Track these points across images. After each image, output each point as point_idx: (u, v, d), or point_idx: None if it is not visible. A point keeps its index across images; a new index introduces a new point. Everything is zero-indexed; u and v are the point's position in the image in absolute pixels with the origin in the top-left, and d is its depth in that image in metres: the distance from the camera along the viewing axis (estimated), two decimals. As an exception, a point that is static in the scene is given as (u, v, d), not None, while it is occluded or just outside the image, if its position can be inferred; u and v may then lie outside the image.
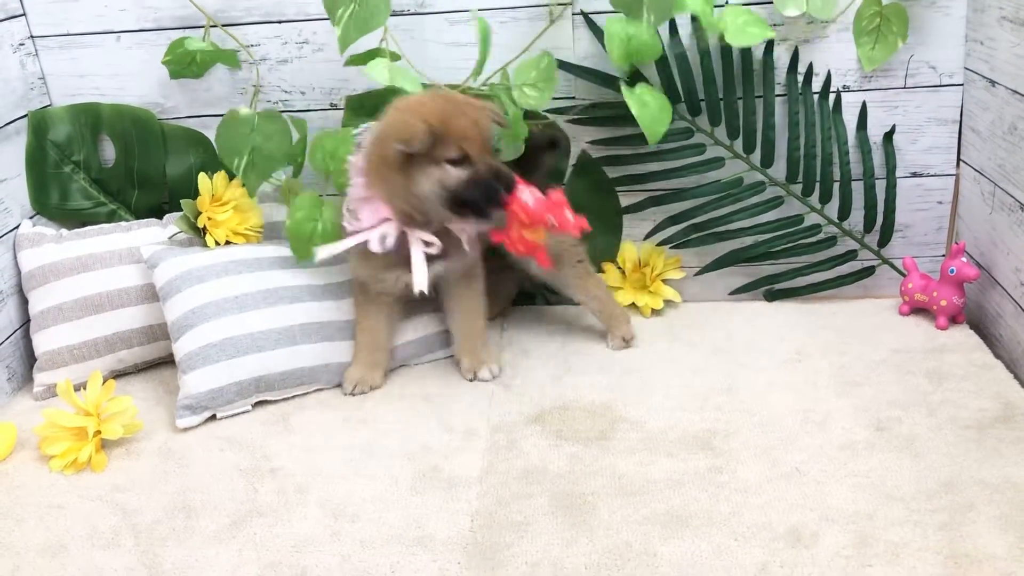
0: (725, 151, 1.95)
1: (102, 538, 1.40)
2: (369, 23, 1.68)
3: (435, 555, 1.32)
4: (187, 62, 1.85)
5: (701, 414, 1.62)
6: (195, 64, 1.86)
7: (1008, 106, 1.71)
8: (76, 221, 1.96)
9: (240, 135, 1.77)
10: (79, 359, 1.79)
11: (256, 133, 1.77)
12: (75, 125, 1.94)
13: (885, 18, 1.82)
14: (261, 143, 1.77)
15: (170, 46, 1.83)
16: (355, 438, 1.62)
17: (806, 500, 1.39)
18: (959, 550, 1.26)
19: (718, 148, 1.95)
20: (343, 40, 1.68)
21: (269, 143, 1.78)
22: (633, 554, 1.30)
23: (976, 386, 1.65)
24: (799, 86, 1.90)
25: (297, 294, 1.77)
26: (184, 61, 1.85)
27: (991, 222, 1.82)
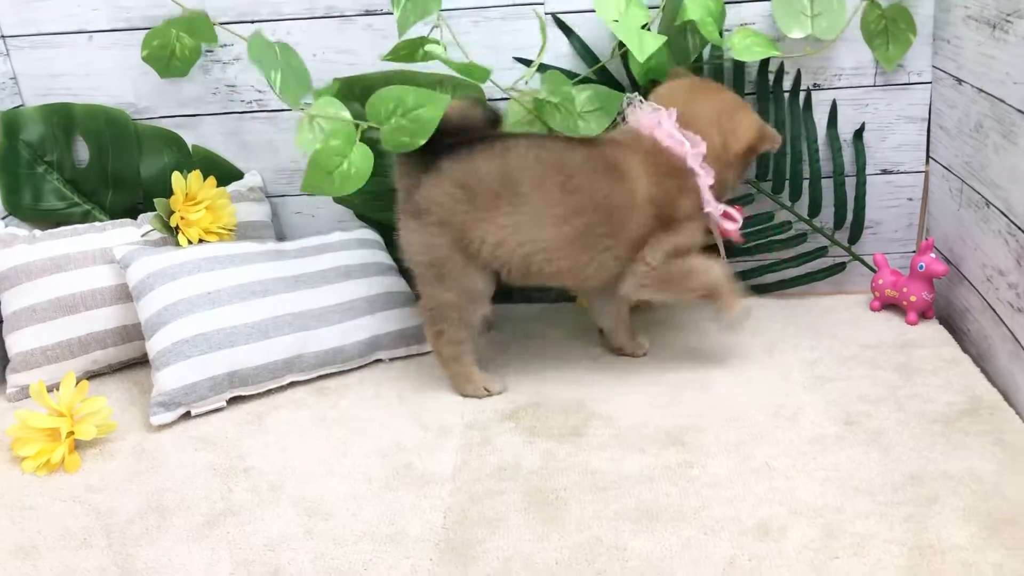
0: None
1: (75, 539, 1.40)
2: (425, 9, 1.65)
3: (408, 551, 1.33)
4: (167, 55, 1.84)
5: (673, 410, 1.64)
6: (176, 58, 1.85)
7: (974, 104, 1.73)
8: (49, 222, 1.95)
9: (271, 55, 1.60)
10: (53, 360, 1.79)
11: (281, 59, 1.61)
12: (48, 125, 1.94)
13: (890, 19, 1.85)
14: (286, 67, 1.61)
15: (144, 39, 1.83)
16: (329, 437, 1.62)
17: (775, 494, 1.40)
18: (923, 541, 1.28)
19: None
20: (402, 24, 1.64)
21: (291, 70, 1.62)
22: (603, 549, 1.31)
23: (944, 380, 1.67)
24: (770, 85, 1.92)
25: (270, 287, 1.78)
26: (163, 54, 1.84)
27: (959, 218, 1.85)
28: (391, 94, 1.56)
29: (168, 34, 1.82)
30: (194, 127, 2.00)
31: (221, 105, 1.98)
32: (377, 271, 1.91)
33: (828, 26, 1.82)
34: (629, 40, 1.66)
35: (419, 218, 1.61)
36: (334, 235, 1.98)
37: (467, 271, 1.63)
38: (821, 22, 1.82)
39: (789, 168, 1.96)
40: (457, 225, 1.59)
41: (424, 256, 1.63)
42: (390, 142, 1.57)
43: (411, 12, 1.65)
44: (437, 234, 1.60)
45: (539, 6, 1.88)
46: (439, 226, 1.60)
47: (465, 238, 1.60)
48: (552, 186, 1.59)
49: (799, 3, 1.82)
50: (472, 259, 1.62)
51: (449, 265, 1.62)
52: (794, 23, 1.82)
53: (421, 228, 1.61)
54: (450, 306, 1.66)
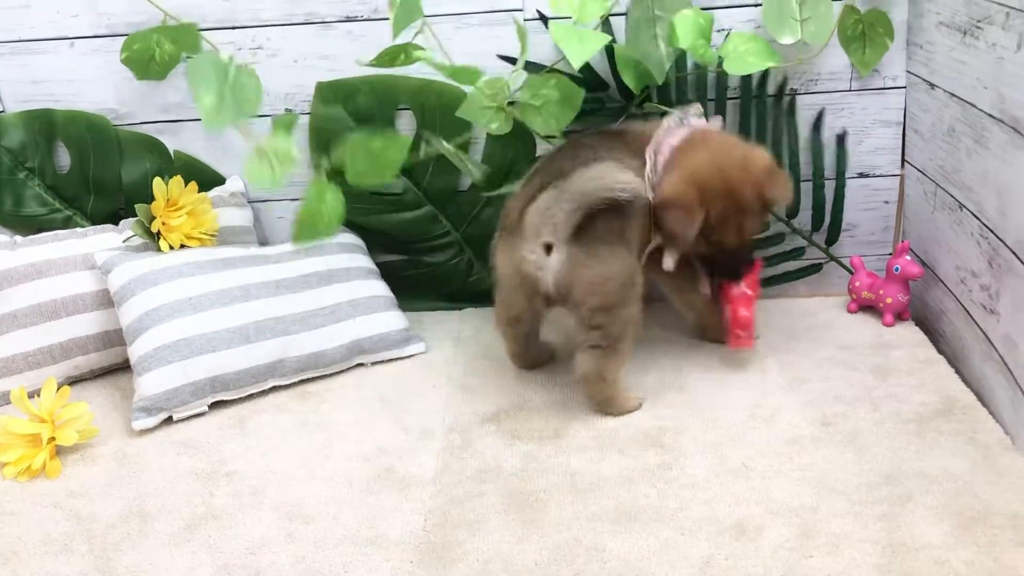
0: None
1: (55, 544, 1.40)
2: (412, 15, 1.65)
3: (388, 554, 1.34)
4: (147, 59, 1.85)
5: (652, 411, 1.66)
6: (156, 63, 1.85)
7: (946, 108, 1.76)
8: (31, 227, 1.96)
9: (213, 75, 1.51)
10: (34, 366, 1.79)
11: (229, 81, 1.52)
12: (29, 131, 1.94)
13: (868, 23, 1.87)
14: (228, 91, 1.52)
15: (124, 43, 1.83)
16: (311, 440, 1.63)
17: (752, 494, 1.42)
18: (897, 540, 1.30)
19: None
20: (396, 27, 1.63)
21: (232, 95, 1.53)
22: (582, 550, 1.33)
23: (919, 381, 1.69)
24: (753, 89, 1.94)
25: (252, 292, 1.79)
26: (143, 58, 1.84)
27: (933, 221, 1.87)
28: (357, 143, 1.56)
29: (149, 39, 1.82)
30: (175, 133, 2.00)
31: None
32: (359, 275, 1.92)
33: (816, 31, 1.84)
34: (565, 44, 1.61)
35: (608, 244, 1.58)
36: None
37: (640, 278, 1.65)
38: (810, 26, 1.84)
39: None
40: (629, 237, 1.63)
41: (623, 276, 1.60)
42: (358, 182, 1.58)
43: (402, 17, 1.66)
44: (626, 250, 1.61)
45: (518, 12, 1.90)
46: (623, 243, 1.61)
47: (632, 246, 1.64)
48: None
49: (789, 8, 1.83)
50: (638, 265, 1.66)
51: (637, 277, 1.63)
52: (785, 29, 1.84)
53: (613, 252, 1.59)
54: (635, 320, 1.63)
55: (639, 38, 1.76)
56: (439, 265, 2.09)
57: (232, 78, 1.53)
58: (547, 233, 1.55)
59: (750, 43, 1.80)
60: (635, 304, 1.62)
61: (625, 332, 1.61)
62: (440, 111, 1.89)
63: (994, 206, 1.60)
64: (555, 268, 1.56)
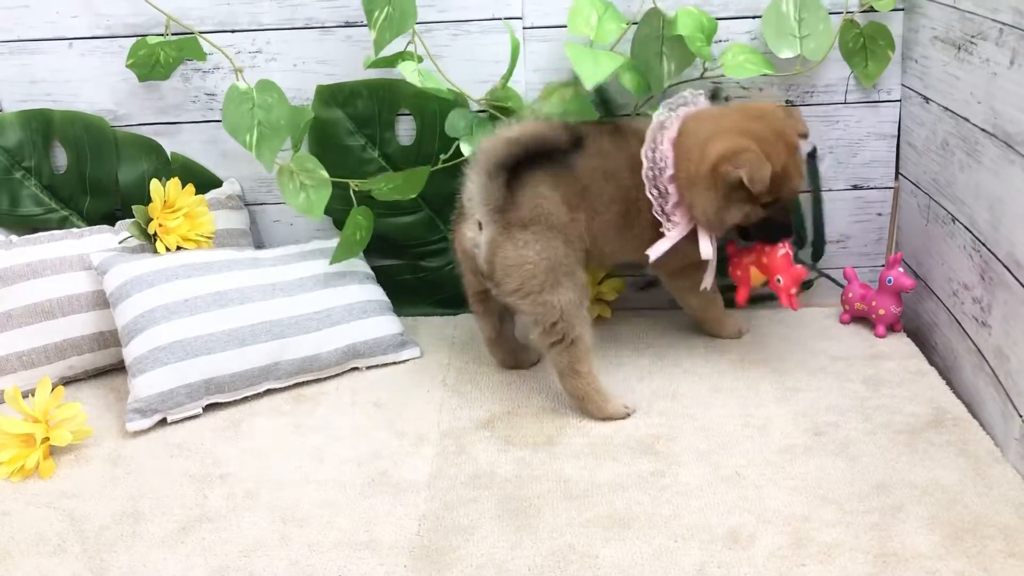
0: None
1: (48, 544, 1.40)
2: (401, 26, 1.70)
3: (382, 558, 1.34)
4: (152, 63, 1.86)
5: (645, 419, 1.66)
6: (160, 65, 1.86)
7: (940, 122, 1.78)
8: (26, 227, 1.95)
9: (243, 111, 1.72)
10: (28, 365, 1.78)
11: (257, 107, 1.73)
12: (26, 131, 1.94)
13: (869, 36, 1.89)
14: (264, 116, 1.73)
15: (131, 49, 1.84)
16: (305, 444, 1.63)
17: (745, 503, 1.43)
18: (888, 549, 1.31)
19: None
20: (378, 43, 1.71)
21: (271, 114, 1.73)
22: (576, 556, 1.33)
23: (910, 392, 1.71)
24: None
25: (248, 295, 1.79)
26: (148, 62, 1.85)
27: (927, 233, 1.89)
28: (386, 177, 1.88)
29: (154, 47, 1.83)
30: (173, 135, 2.00)
31: (200, 113, 1.99)
32: (355, 280, 1.93)
33: (816, 47, 1.86)
34: (580, 64, 1.68)
35: (529, 229, 1.61)
36: (312, 244, 2.00)
37: (576, 266, 1.67)
38: (809, 43, 1.86)
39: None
40: (563, 225, 1.64)
41: (543, 263, 1.62)
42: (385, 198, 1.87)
43: (387, 30, 1.70)
44: (551, 236, 1.62)
45: (517, 20, 1.91)
46: (551, 229, 1.63)
47: (570, 234, 1.65)
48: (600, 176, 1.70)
49: (788, 25, 1.85)
50: (576, 253, 1.67)
51: (566, 263, 1.64)
52: (784, 44, 1.86)
53: (535, 237, 1.61)
54: (576, 304, 1.65)
55: (644, 53, 1.80)
56: (435, 270, 2.09)
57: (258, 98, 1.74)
58: (478, 211, 1.62)
59: (748, 53, 1.83)
60: (564, 291, 1.63)
61: (566, 320, 1.63)
62: (440, 116, 1.90)
63: (986, 219, 1.61)
64: (483, 247, 1.63)
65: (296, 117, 1.79)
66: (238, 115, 1.72)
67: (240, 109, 1.72)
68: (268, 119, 1.73)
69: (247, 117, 1.72)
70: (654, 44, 1.79)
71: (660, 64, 1.80)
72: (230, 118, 1.72)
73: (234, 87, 1.73)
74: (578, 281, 1.66)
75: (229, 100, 1.73)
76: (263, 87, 1.75)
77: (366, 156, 1.97)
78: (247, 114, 1.72)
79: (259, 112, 1.73)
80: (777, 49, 1.85)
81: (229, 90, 1.73)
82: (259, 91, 1.74)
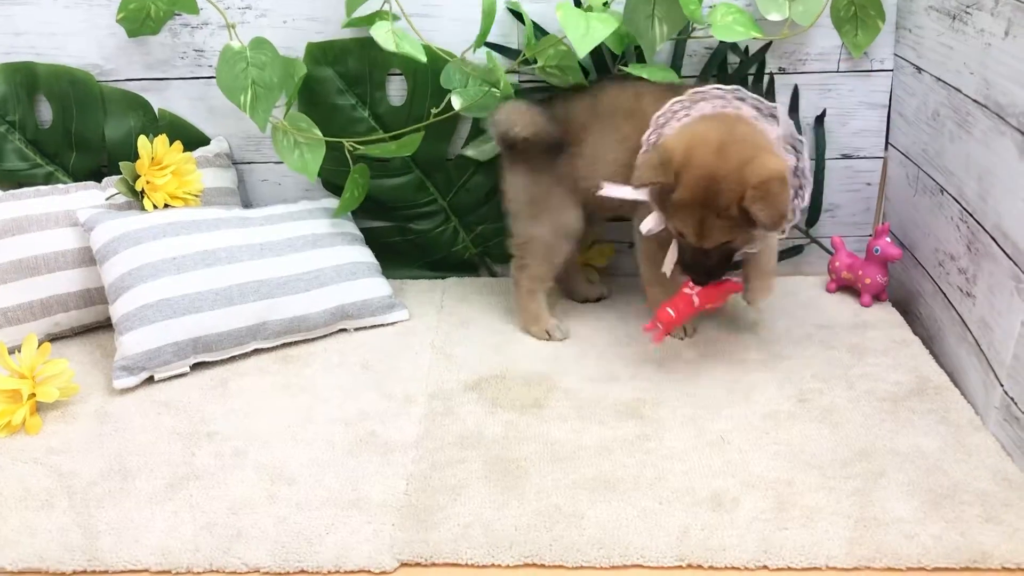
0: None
1: (36, 499, 1.40)
2: None
3: (370, 517, 1.36)
4: (142, 17, 1.83)
5: (632, 384, 1.68)
6: (151, 19, 1.83)
7: (932, 93, 1.78)
8: (11, 183, 1.93)
9: (237, 72, 1.71)
10: (13, 322, 1.77)
11: (251, 66, 1.72)
12: (10, 85, 1.91)
13: (860, 5, 1.88)
14: (258, 75, 1.72)
15: (122, 2, 1.81)
16: (293, 404, 1.64)
17: (729, 467, 1.45)
18: (868, 514, 1.33)
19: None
20: (350, 5, 1.71)
21: (265, 72, 1.73)
22: (562, 516, 1.35)
23: (894, 361, 1.73)
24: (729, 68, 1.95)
25: (235, 254, 1.78)
26: (139, 17, 1.82)
27: (914, 204, 1.90)
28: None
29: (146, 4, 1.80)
30: (161, 91, 1.98)
31: (188, 70, 1.96)
32: (343, 241, 1.92)
33: (804, 11, 1.85)
34: (572, 28, 1.65)
35: (526, 161, 1.77)
36: (301, 204, 1.99)
37: (563, 206, 1.78)
38: (798, 6, 1.85)
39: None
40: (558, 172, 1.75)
41: (525, 195, 1.79)
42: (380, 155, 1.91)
43: None
44: (540, 178, 1.77)
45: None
46: (548, 173, 1.76)
47: (564, 174, 1.76)
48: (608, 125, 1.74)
49: None
50: (569, 195, 1.77)
51: (551, 200, 1.76)
52: (772, 5, 1.85)
53: (527, 169, 1.78)
54: (540, 242, 1.81)
55: (635, 16, 1.77)
56: (424, 233, 2.09)
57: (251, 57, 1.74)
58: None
59: (736, 14, 1.81)
60: (539, 226, 1.80)
61: (528, 248, 1.82)
62: (432, 75, 1.88)
63: (975, 191, 1.62)
64: None
65: (289, 70, 1.79)
66: (232, 76, 1.71)
67: (234, 70, 1.71)
68: (262, 78, 1.72)
69: (241, 77, 1.71)
70: (644, 7, 1.76)
71: (652, 27, 1.77)
72: (224, 79, 1.71)
73: (228, 47, 1.71)
74: (561, 221, 1.76)
75: (223, 60, 1.71)
76: (256, 45, 1.73)
77: (356, 115, 1.96)
78: (241, 74, 1.71)
79: (253, 71, 1.71)
80: (765, 10, 1.84)
81: (223, 50, 1.71)
82: (252, 49, 1.73)
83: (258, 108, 1.72)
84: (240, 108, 1.72)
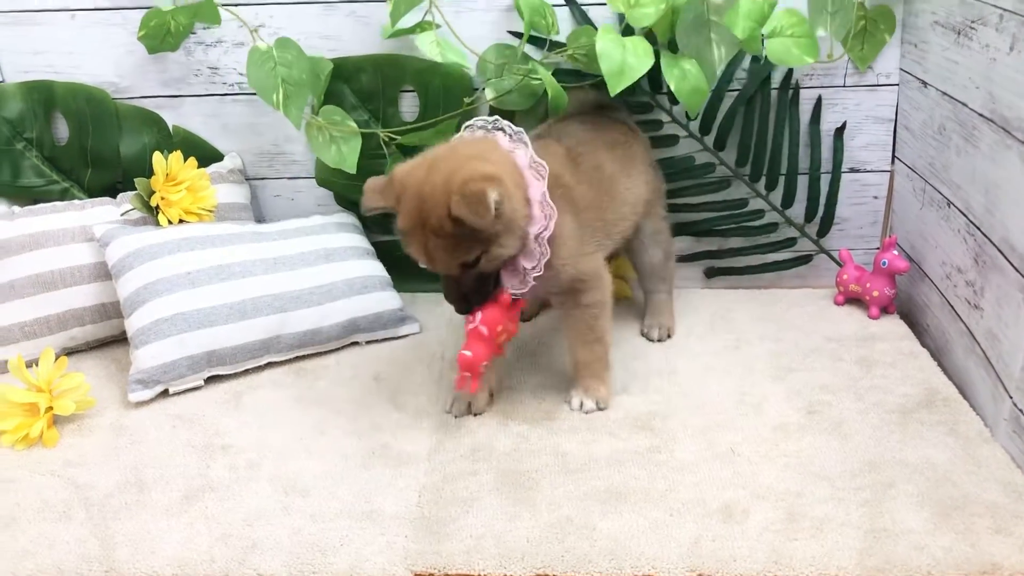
0: (681, 130, 2.02)
1: (53, 511, 1.42)
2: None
3: (383, 528, 1.37)
4: (163, 34, 1.86)
5: (643, 396, 1.69)
6: (171, 35, 1.86)
7: (938, 107, 1.80)
8: (27, 199, 1.96)
9: (267, 71, 1.74)
10: (30, 336, 1.80)
11: (279, 65, 1.74)
12: (28, 102, 1.94)
13: (871, 19, 1.90)
14: (287, 73, 1.75)
15: (143, 20, 1.84)
16: (306, 416, 1.65)
17: (739, 478, 1.46)
18: (878, 525, 1.34)
19: (675, 127, 2.02)
20: (394, 14, 1.73)
21: (292, 71, 1.75)
22: (573, 528, 1.36)
23: (902, 373, 1.73)
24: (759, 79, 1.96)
25: (249, 268, 1.80)
26: (159, 34, 1.85)
27: (921, 217, 1.91)
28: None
29: (166, 16, 1.83)
30: (175, 108, 2.01)
31: (203, 87, 1.99)
32: (355, 255, 1.94)
33: (840, 25, 1.86)
34: (607, 61, 1.62)
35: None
36: (313, 218, 2.01)
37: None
38: (836, 20, 1.86)
39: (768, 159, 2.01)
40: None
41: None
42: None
43: (402, 2, 1.69)
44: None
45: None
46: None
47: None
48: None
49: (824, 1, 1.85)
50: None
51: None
52: (820, 20, 1.85)
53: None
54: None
55: (693, 40, 1.74)
56: (434, 247, 2.10)
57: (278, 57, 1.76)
58: None
59: (796, 26, 1.80)
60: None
61: None
62: (444, 92, 1.90)
63: (981, 204, 1.63)
64: None
65: (316, 69, 1.81)
66: (262, 75, 1.74)
67: (263, 69, 1.73)
68: (291, 76, 1.74)
69: (271, 76, 1.73)
70: (702, 30, 1.73)
71: (711, 51, 1.75)
72: (255, 79, 1.74)
73: (255, 48, 1.74)
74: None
75: (252, 62, 1.74)
76: (281, 44, 1.77)
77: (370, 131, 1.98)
78: (271, 73, 1.73)
79: (282, 70, 1.74)
80: (815, 25, 1.85)
81: (251, 51, 1.74)
82: (279, 49, 1.76)
83: (291, 106, 1.75)
84: (274, 107, 1.74)
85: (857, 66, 1.94)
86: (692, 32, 1.74)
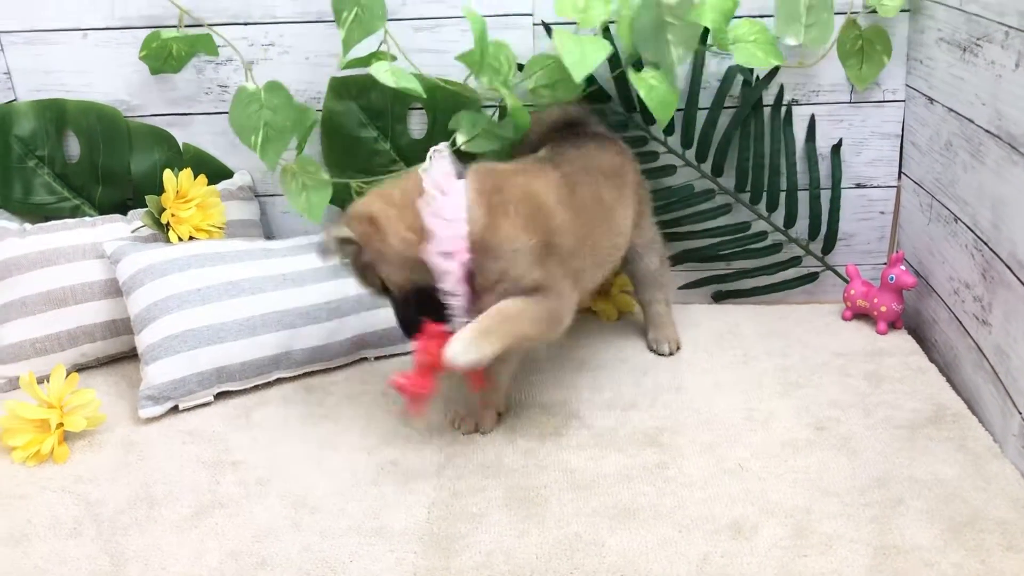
0: (677, 159, 2.03)
1: (64, 527, 1.42)
2: (370, 26, 1.74)
3: (392, 545, 1.37)
4: (164, 56, 1.87)
5: (650, 412, 1.69)
6: (172, 58, 1.88)
7: (944, 123, 1.80)
8: (39, 216, 1.98)
9: (251, 112, 1.77)
10: (41, 353, 1.81)
11: (264, 108, 1.77)
12: (40, 120, 1.96)
13: (867, 39, 1.91)
14: (271, 117, 1.78)
15: (144, 41, 1.86)
16: (316, 432, 1.66)
17: (747, 494, 1.46)
18: (887, 542, 1.34)
19: (671, 156, 2.03)
20: (346, 43, 1.75)
21: (277, 116, 1.78)
22: (582, 544, 1.36)
23: (911, 388, 1.73)
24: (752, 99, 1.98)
25: (259, 284, 1.81)
26: (161, 55, 1.87)
27: (928, 232, 1.92)
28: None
29: (167, 40, 1.85)
30: (185, 125, 2.03)
31: (213, 105, 2.01)
32: (364, 271, 1.95)
33: (816, 36, 1.88)
34: (568, 54, 1.63)
35: None
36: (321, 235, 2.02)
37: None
38: (812, 32, 1.87)
39: (767, 180, 2.02)
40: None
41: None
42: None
43: (355, 31, 1.74)
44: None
45: (527, 16, 1.93)
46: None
47: None
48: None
49: (796, 10, 1.87)
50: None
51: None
52: (791, 29, 1.88)
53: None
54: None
55: (651, 43, 1.76)
56: (442, 263, 2.11)
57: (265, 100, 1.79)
58: None
59: (758, 34, 1.83)
60: None
61: None
62: (452, 110, 1.92)
63: (988, 219, 1.64)
64: None
65: (302, 118, 1.82)
66: (245, 116, 1.77)
67: (247, 110, 1.77)
68: (274, 120, 1.78)
69: (254, 118, 1.77)
70: (659, 32, 1.75)
71: (669, 52, 1.76)
72: (237, 118, 1.78)
73: (243, 88, 1.78)
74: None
75: (237, 101, 1.77)
76: (271, 88, 1.79)
77: (378, 148, 1.99)
78: (254, 115, 1.77)
79: (266, 113, 1.78)
80: (784, 33, 1.87)
81: (238, 91, 1.78)
82: (267, 92, 1.78)
83: (268, 150, 1.79)
84: (251, 148, 1.78)
85: (855, 85, 1.95)
86: (649, 35, 1.75)
